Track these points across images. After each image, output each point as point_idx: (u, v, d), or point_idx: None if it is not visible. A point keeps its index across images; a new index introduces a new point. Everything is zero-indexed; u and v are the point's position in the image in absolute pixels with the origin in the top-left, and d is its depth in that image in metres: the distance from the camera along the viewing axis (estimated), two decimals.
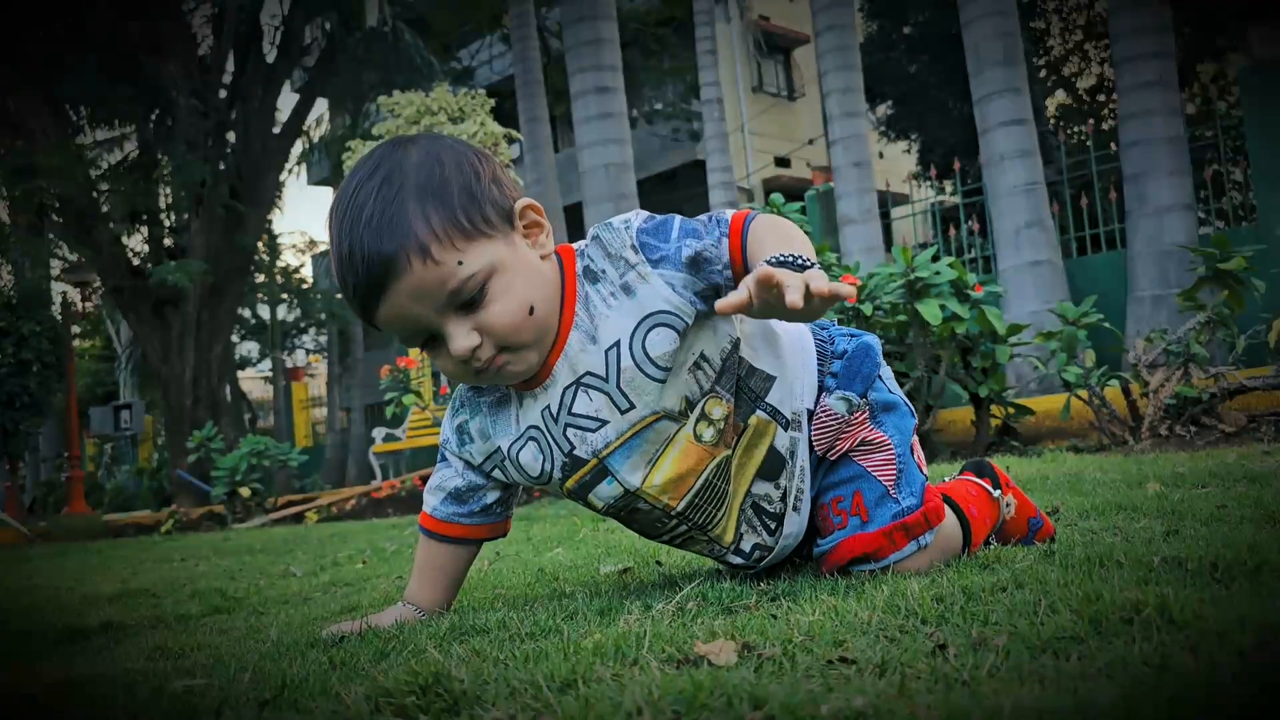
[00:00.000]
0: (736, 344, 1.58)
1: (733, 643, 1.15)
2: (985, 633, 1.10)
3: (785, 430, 1.63)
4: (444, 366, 1.54)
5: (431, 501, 1.76)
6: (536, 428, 1.62)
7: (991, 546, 1.75)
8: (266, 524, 7.99)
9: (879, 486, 1.61)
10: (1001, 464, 3.64)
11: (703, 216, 1.56)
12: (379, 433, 14.18)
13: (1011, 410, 5.61)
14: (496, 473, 1.70)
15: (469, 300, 1.46)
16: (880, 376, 1.71)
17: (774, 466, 1.64)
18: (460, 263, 1.44)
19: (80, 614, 2.50)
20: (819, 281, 1.30)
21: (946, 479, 1.93)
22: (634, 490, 1.60)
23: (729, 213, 1.54)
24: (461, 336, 1.47)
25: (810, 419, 1.65)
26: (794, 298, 1.27)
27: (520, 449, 1.64)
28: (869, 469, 1.62)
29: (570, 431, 1.59)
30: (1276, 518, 1.68)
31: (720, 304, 1.35)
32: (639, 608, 1.49)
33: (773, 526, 1.67)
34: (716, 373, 1.57)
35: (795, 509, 1.66)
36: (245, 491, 8.70)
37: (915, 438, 1.72)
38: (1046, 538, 1.87)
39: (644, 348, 1.52)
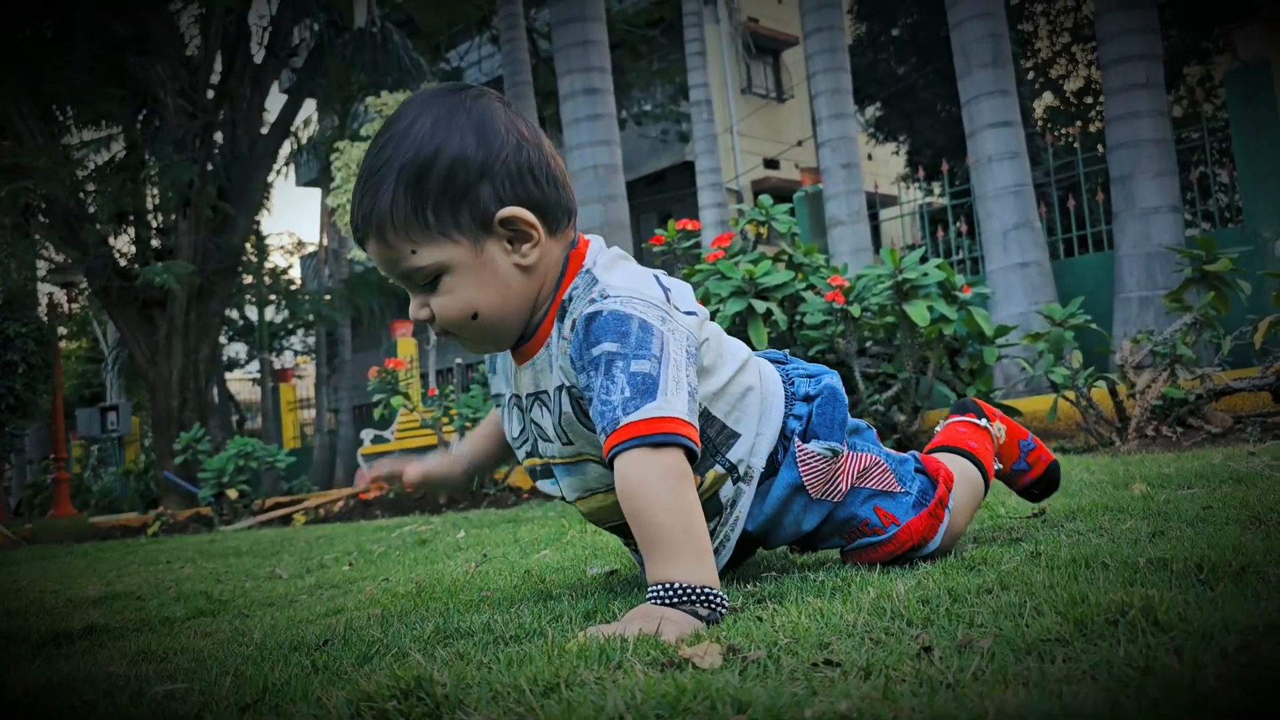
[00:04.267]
0: (703, 412, 1.58)
1: (717, 645, 1.15)
2: (970, 635, 1.10)
3: (734, 483, 1.64)
4: None
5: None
6: (518, 398, 1.67)
7: (977, 546, 1.75)
8: (253, 526, 7.96)
9: (890, 495, 1.72)
10: None
11: (623, 393, 1.42)
12: (367, 434, 14.15)
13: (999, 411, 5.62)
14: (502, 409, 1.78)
15: (424, 282, 1.53)
16: None
17: (711, 511, 1.63)
18: (414, 252, 1.50)
19: (64, 617, 2.49)
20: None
21: (937, 427, 2.03)
22: (569, 501, 1.69)
23: (635, 415, 1.41)
24: (414, 307, 1.56)
25: (760, 475, 1.67)
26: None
27: (507, 408, 1.72)
28: (876, 487, 1.72)
29: (533, 428, 1.66)
30: (1262, 519, 1.68)
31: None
32: (625, 609, 1.48)
33: None
34: None
35: (718, 552, 1.67)
36: (232, 493, 8.67)
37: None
38: (1040, 461, 2.04)
39: (575, 404, 1.56)
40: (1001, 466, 2.02)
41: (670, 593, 1.35)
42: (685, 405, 1.43)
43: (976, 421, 1.98)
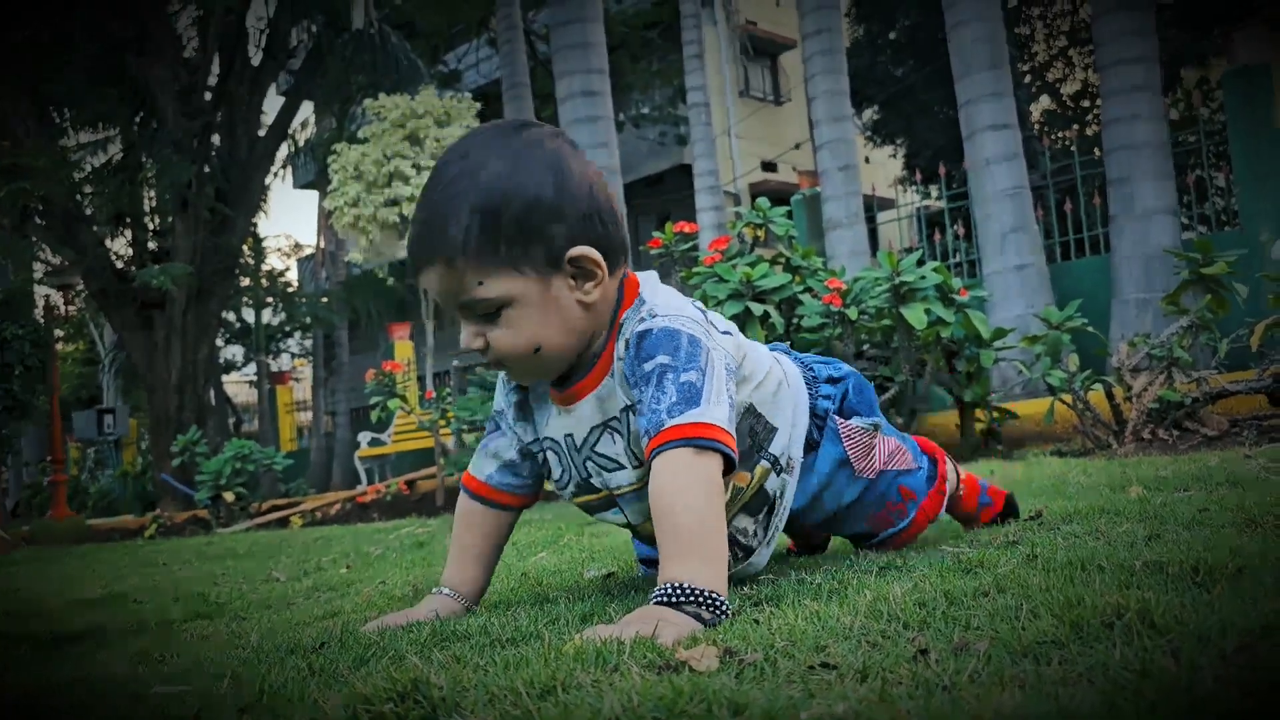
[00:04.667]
0: (749, 409, 1.67)
1: (714, 648, 1.15)
2: (967, 637, 1.10)
3: (779, 475, 1.72)
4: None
5: (486, 469, 1.81)
6: (556, 443, 1.69)
7: (974, 549, 1.75)
8: (251, 528, 7.95)
9: (909, 472, 1.89)
10: (985, 468, 3.66)
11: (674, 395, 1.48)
12: (364, 437, 14.15)
13: (996, 414, 5.62)
14: (539, 453, 1.77)
15: (484, 313, 1.54)
16: None
17: (759, 504, 1.73)
18: (480, 283, 1.51)
19: (62, 619, 2.48)
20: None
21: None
22: (634, 525, 1.71)
23: (678, 419, 1.46)
24: (468, 335, 1.57)
25: (800, 464, 1.77)
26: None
27: (544, 451, 1.74)
28: (899, 467, 1.88)
29: (590, 464, 1.66)
30: (1258, 521, 1.69)
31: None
32: (622, 612, 1.48)
33: (740, 555, 1.74)
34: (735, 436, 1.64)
35: (767, 544, 1.75)
36: (229, 496, 8.66)
37: None
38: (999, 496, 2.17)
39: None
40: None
41: (676, 593, 1.36)
42: (725, 415, 1.49)
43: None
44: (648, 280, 1.66)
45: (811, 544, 2.16)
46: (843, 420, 1.82)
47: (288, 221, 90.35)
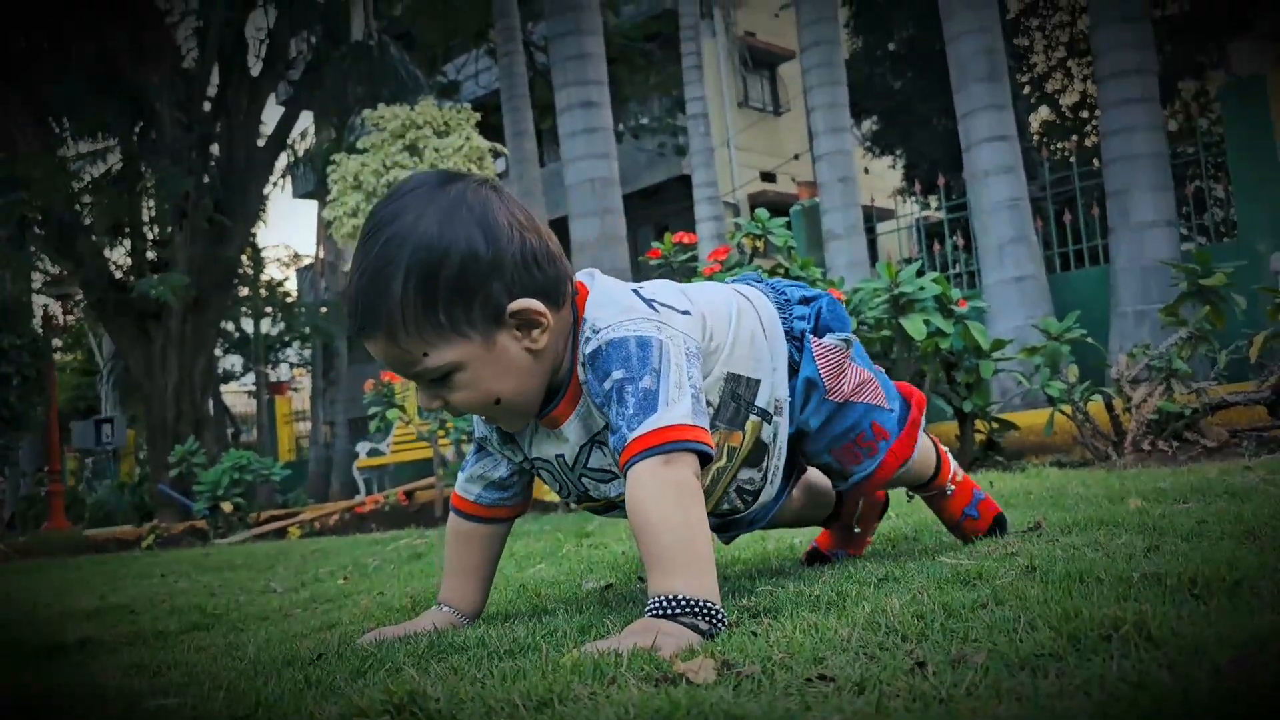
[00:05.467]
0: (727, 377, 1.65)
1: (712, 660, 1.15)
2: (964, 650, 1.10)
3: (770, 423, 1.72)
4: None
5: (474, 490, 1.81)
6: (547, 462, 1.69)
7: (972, 560, 1.75)
8: (248, 539, 7.94)
9: (882, 410, 1.82)
10: (985, 479, 3.65)
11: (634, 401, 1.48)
12: (363, 447, 14.14)
13: (995, 425, 5.62)
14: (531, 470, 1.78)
15: (435, 379, 1.53)
16: None
17: (758, 456, 1.73)
18: (425, 354, 1.50)
19: (58, 630, 2.48)
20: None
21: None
22: None
23: (638, 431, 1.45)
24: (425, 398, 1.57)
25: (789, 404, 1.76)
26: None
27: (538, 470, 1.74)
28: (870, 401, 1.81)
29: (585, 479, 1.67)
30: (1256, 533, 1.68)
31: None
32: (620, 625, 1.48)
33: (749, 499, 1.78)
34: (714, 410, 1.64)
35: (771, 482, 1.77)
36: (227, 506, 8.64)
37: None
38: (989, 511, 2.10)
39: None
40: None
41: (671, 604, 1.36)
42: (687, 409, 1.47)
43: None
44: (588, 285, 1.62)
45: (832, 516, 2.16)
46: (816, 339, 1.78)
47: (287, 231, 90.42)
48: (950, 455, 2.07)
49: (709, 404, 1.60)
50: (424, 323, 1.47)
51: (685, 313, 1.60)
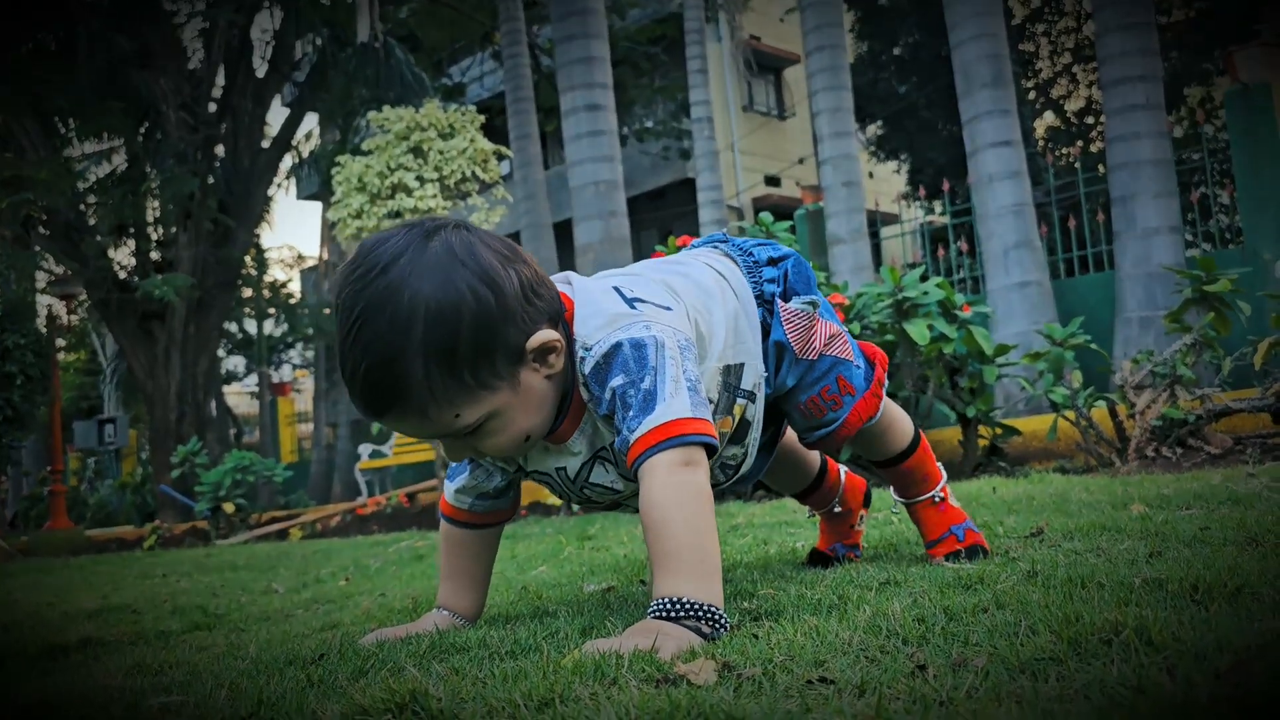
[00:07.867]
0: (724, 369, 1.66)
1: (713, 662, 1.15)
2: (965, 653, 1.10)
3: (754, 402, 1.73)
4: None
5: (465, 500, 1.80)
6: (547, 474, 1.69)
7: (972, 563, 1.75)
8: (250, 540, 7.95)
9: (848, 364, 1.82)
10: (988, 485, 3.65)
11: (639, 397, 1.48)
12: (365, 449, 14.14)
13: (999, 431, 5.61)
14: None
15: (467, 433, 1.52)
16: None
17: (741, 433, 1.74)
18: (458, 415, 1.48)
19: (59, 630, 2.48)
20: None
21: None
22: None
23: (639, 430, 1.46)
24: (454, 451, 1.57)
25: (767, 384, 1.76)
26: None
27: (534, 479, 1.75)
28: (839, 354, 1.82)
29: (587, 491, 1.69)
30: (1259, 540, 1.68)
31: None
32: (621, 627, 1.48)
33: (731, 472, 1.80)
34: (714, 404, 1.65)
35: (749, 455, 1.79)
36: (229, 507, 8.65)
37: None
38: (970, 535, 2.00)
39: None
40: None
41: (674, 607, 1.36)
42: (686, 402, 1.46)
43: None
44: (571, 296, 1.60)
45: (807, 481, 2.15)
46: (784, 304, 1.77)
47: (291, 233, 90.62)
48: (944, 472, 2.03)
49: (710, 400, 1.60)
50: (452, 391, 1.45)
51: (667, 309, 1.58)
